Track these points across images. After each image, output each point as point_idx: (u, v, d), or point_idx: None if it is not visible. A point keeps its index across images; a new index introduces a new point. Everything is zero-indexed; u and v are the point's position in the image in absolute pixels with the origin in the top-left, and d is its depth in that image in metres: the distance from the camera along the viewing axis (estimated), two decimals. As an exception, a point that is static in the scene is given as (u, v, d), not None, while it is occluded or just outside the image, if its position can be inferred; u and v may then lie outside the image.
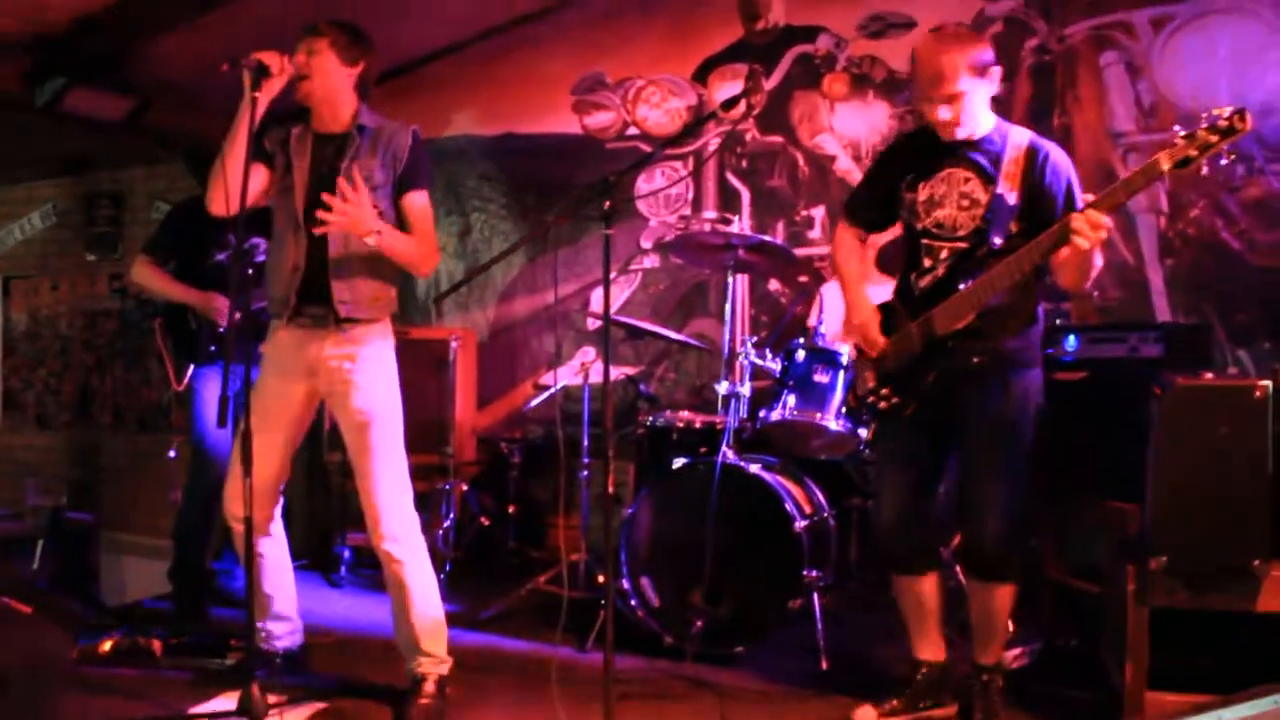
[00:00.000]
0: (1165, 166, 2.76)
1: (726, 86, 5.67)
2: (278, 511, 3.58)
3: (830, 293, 4.76)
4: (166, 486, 6.21)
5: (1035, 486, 4.08)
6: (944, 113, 3.07)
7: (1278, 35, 4.43)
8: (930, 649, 3.37)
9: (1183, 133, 2.75)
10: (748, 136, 5.59)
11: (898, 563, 3.37)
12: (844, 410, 4.06)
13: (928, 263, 3.20)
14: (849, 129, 5.37)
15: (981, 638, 3.29)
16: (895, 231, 3.45)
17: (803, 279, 5.40)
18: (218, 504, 4.32)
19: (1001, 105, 4.85)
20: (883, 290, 3.45)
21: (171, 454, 5.74)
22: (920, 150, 3.26)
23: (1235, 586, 2.97)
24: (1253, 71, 4.46)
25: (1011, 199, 3.06)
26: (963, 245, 3.13)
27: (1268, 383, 2.95)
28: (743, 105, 3.10)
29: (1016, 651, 3.74)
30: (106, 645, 3.70)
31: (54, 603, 3.67)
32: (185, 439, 4.75)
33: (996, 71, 3.12)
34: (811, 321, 4.82)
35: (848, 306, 3.42)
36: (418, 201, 3.40)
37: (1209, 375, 3.18)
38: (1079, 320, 4.45)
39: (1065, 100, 4.85)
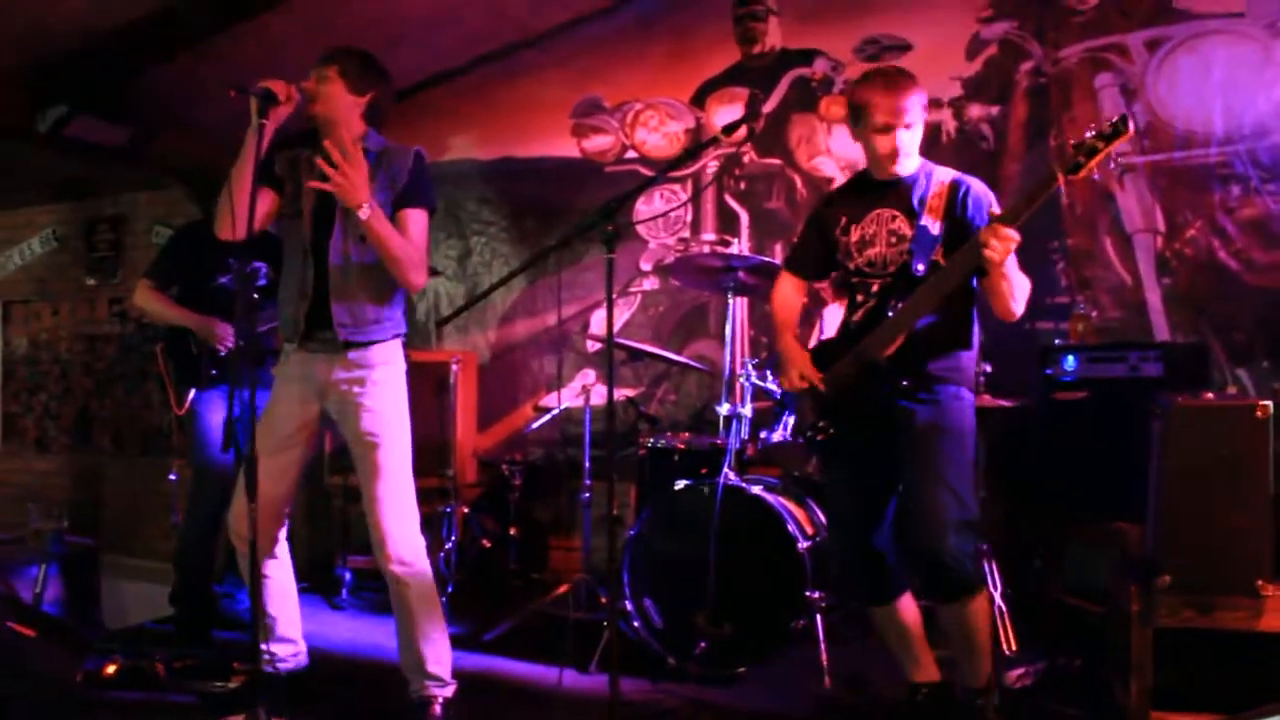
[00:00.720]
0: (1059, 173, 2.84)
1: (724, 110, 5.71)
2: (283, 534, 3.58)
3: (830, 315, 4.78)
4: (167, 510, 6.22)
5: (1036, 505, 4.13)
6: (903, 136, 3.15)
7: (1272, 56, 4.47)
8: (924, 671, 3.35)
9: (1073, 142, 2.85)
10: (746, 159, 5.63)
11: (866, 595, 3.35)
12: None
13: (860, 298, 3.29)
14: (846, 151, 5.39)
15: (965, 659, 3.22)
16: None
17: (802, 301, 5.41)
18: (220, 527, 4.35)
19: (997, 127, 4.97)
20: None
21: (172, 477, 5.74)
22: (851, 197, 3.38)
23: (1239, 606, 2.98)
24: (1247, 92, 4.49)
25: (935, 229, 3.14)
26: (891, 279, 3.21)
27: (1269, 403, 2.97)
28: (744, 129, 3.12)
29: (1020, 671, 3.74)
30: (110, 668, 3.68)
31: (58, 626, 3.67)
32: (186, 462, 4.76)
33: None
34: (812, 343, 4.82)
35: (780, 350, 3.49)
36: (413, 218, 3.36)
37: (1210, 395, 3.20)
38: (1078, 340, 4.47)
39: (1061, 122, 4.88)
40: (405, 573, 3.36)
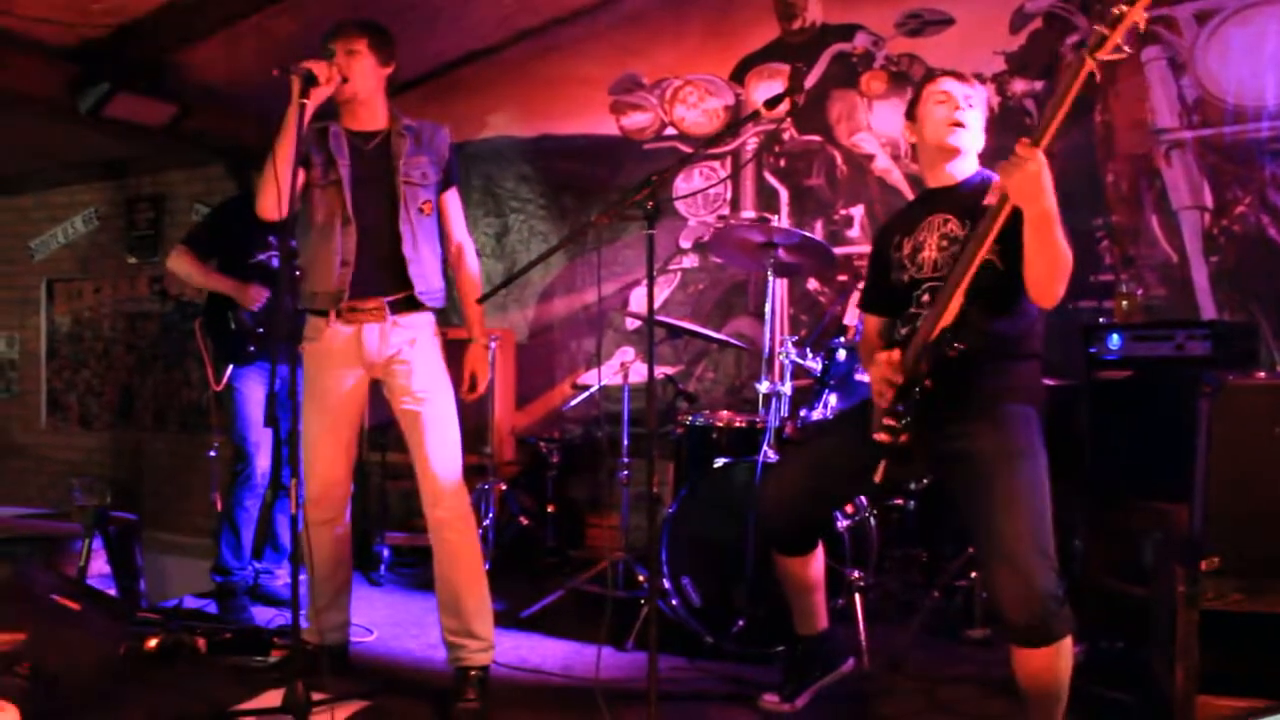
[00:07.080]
0: (1088, 58, 2.54)
1: (764, 86, 5.66)
2: (348, 510, 3.63)
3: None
4: (207, 486, 6.26)
5: (1078, 485, 4.07)
6: (966, 116, 3.01)
7: (1325, 29, 4.37)
8: (807, 624, 3.41)
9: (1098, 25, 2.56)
10: (786, 136, 5.58)
11: (781, 544, 3.32)
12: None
13: (913, 310, 3.02)
14: (887, 127, 5.34)
15: (1037, 712, 2.78)
16: None
17: (841, 278, 5.38)
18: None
19: (1041, 103, 4.89)
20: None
21: (211, 454, 5.78)
22: (903, 216, 3.22)
23: (1289, 588, 2.93)
24: (1300, 65, 4.40)
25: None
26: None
27: (1321, 381, 2.91)
28: (786, 104, 3.04)
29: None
30: (152, 642, 3.72)
31: (101, 600, 3.71)
32: (225, 439, 4.79)
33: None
34: (851, 320, 4.79)
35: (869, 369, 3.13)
36: (455, 199, 3.62)
37: (1261, 374, 3.14)
38: (1122, 319, 4.40)
39: (1107, 97, 4.80)
40: (456, 521, 3.40)
